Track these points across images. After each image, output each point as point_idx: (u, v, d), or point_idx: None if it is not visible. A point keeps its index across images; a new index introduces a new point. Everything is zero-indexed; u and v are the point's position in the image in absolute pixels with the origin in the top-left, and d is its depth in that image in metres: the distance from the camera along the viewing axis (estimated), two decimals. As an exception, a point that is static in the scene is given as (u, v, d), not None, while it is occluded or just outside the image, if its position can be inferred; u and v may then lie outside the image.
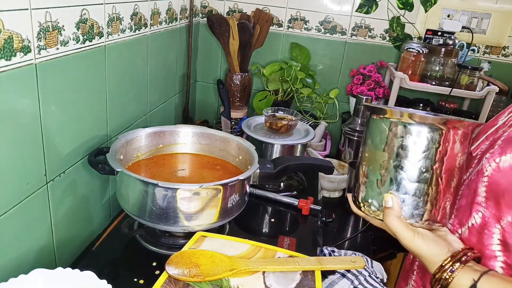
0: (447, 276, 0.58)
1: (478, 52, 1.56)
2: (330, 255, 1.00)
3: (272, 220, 1.04)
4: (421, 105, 1.49)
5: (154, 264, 0.80)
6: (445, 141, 0.57)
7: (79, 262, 0.83)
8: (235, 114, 1.50)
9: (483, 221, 0.62)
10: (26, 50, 0.66)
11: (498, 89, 1.39)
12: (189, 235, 0.80)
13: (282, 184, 1.18)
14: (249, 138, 1.12)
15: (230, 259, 0.69)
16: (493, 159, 0.61)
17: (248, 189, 0.89)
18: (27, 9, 0.65)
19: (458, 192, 0.64)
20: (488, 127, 0.70)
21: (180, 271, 0.65)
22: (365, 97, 1.43)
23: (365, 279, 0.90)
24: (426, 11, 1.51)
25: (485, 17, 1.49)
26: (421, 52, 1.40)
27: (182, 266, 0.66)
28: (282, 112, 1.24)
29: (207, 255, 0.70)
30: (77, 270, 0.65)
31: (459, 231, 0.67)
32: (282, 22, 1.60)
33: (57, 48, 0.73)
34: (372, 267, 0.97)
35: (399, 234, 0.60)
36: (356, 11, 1.55)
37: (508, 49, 1.55)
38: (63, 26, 0.74)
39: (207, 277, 0.65)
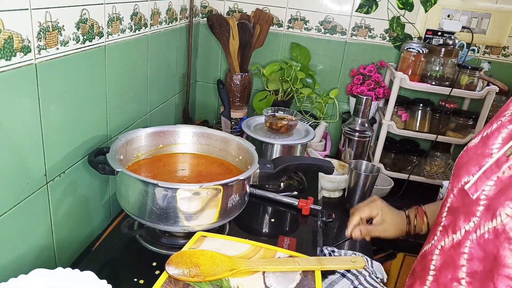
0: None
1: (478, 52, 1.56)
2: (330, 255, 1.00)
3: (272, 220, 1.04)
4: (421, 105, 1.49)
5: (154, 264, 0.80)
6: None
7: (79, 262, 0.83)
8: (235, 114, 1.50)
9: None
10: (26, 50, 0.66)
11: (498, 89, 1.39)
12: (189, 235, 0.80)
13: (282, 184, 1.18)
14: (249, 138, 1.12)
15: (230, 259, 0.69)
16: None
17: (248, 189, 0.89)
18: (27, 9, 0.65)
19: None
20: (479, 156, 0.56)
21: (180, 271, 0.65)
22: (365, 97, 1.43)
23: (365, 279, 0.90)
24: (426, 11, 1.51)
25: (485, 17, 1.49)
26: (421, 52, 1.39)
27: (182, 266, 0.66)
28: (282, 112, 1.24)
29: (207, 255, 0.70)
30: (77, 270, 0.65)
31: None
32: (282, 22, 1.60)
33: (57, 48, 0.73)
34: (372, 267, 0.97)
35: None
36: (356, 11, 1.55)
37: (508, 49, 1.55)
38: (63, 26, 0.74)
39: (207, 277, 0.65)
